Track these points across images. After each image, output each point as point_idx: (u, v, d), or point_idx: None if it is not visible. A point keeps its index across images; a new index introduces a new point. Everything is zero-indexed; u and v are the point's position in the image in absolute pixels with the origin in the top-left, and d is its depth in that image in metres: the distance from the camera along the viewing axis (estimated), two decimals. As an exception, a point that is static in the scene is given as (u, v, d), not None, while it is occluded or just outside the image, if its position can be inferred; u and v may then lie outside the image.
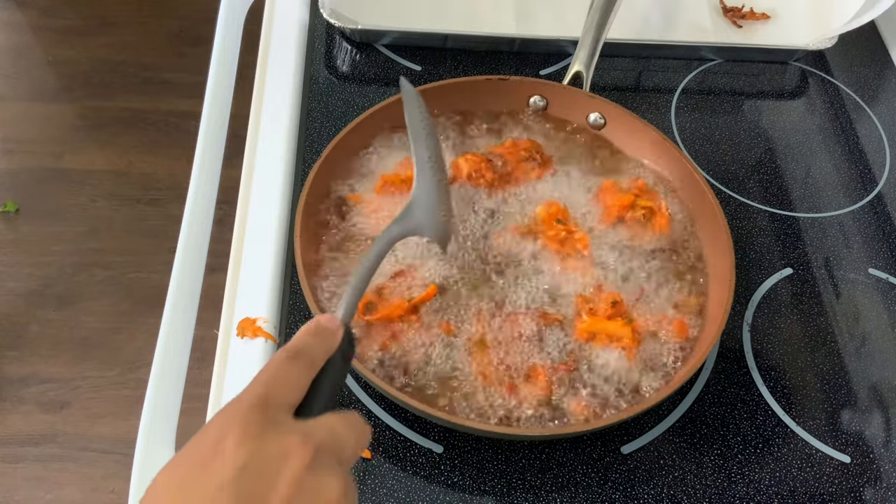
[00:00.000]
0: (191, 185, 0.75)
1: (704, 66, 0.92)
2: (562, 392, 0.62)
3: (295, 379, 0.42)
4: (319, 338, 0.46)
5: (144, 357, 1.65)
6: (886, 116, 0.90)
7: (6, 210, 1.84)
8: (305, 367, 0.43)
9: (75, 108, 2.04)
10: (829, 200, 0.82)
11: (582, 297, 0.67)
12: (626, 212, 0.72)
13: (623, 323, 0.65)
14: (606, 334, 0.65)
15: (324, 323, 0.47)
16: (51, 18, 2.22)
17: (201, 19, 2.20)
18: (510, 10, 0.92)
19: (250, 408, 0.39)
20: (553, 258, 0.69)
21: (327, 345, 0.45)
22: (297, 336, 0.45)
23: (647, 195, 0.73)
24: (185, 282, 0.70)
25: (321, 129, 0.81)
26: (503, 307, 0.66)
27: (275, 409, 0.40)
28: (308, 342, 0.45)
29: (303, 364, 0.43)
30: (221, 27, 0.89)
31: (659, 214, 0.72)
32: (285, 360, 0.42)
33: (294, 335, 0.46)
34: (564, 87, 0.79)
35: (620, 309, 0.66)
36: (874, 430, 0.67)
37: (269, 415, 0.39)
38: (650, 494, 0.62)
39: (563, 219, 0.71)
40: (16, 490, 1.50)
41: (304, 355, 0.43)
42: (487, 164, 0.73)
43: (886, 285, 0.76)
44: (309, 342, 0.45)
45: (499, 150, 0.75)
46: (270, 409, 0.39)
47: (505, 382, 0.62)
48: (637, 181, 0.74)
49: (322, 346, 0.45)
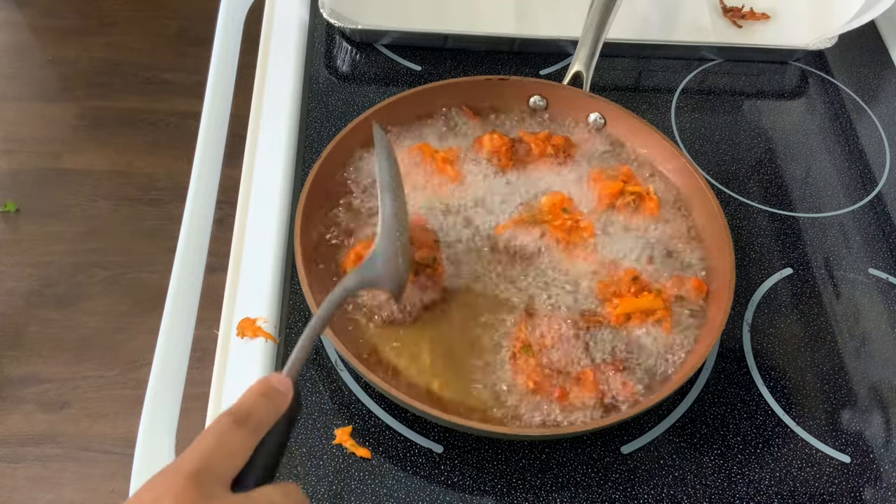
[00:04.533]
0: (191, 185, 0.75)
1: (704, 66, 0.92)
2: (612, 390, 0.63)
3: (238, 447, 0.41)
4: (268, 400, 0.44)
5: (144, 357, 1.65)
6: (886, 116, 0.90)
7: (6, 210, 1.84)
8: (251, 433, 0.42)
9: (75, 108, 2.04)
10: (829, 200, 0.82)
11: (602, 283, 0.68)
12: (616, 199, 0.73)
13: (653, 296, 0.66)
14: (641, 311, 0.66)
15: (274, 384, 0.45)
16: (51, 18, 2.21)
17: (201, 19, 2.20)
18: (510, 10, 0.92)
19: (187, 480, 0.38)
20: (559, 248, 0.70)
21: (276, 408, 0.44)
22: (245, 398, 0.44)
23: (633, 181, 0.75)
24: (185, 282, 0.70)
25: (321, 129, 0.81)
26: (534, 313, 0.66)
27: (212, 482, 0.39)
28: (256, 405, 0.43)
29: (248, 430, 0.41)
30: (221, 27, 0.89)
31: (647, 199, 0.73)
32: (230, 425, 0.41)
33: (240, 396, 0.44)
34: (564, 87, 0.79)
35: (642, 283, 0.67)
36: (874, 430, 0.67)
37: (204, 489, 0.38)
38: (650, 494, 0.62)
39: (568, 208, 0.72)
40: (16, 490, 1.49)
41: (251, 421, 0.42)
42: (508, 149, 0.75)
43: (886, 285, 0.76)
44: (257, 405, 0.43)
45: (530, 138, 0.76)
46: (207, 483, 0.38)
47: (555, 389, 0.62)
48: (623, 168, 0.75)
49: (271, 410, 0.44)
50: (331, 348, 0.67)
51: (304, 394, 0.65)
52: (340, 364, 0.66)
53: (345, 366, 0.66)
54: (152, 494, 0.38)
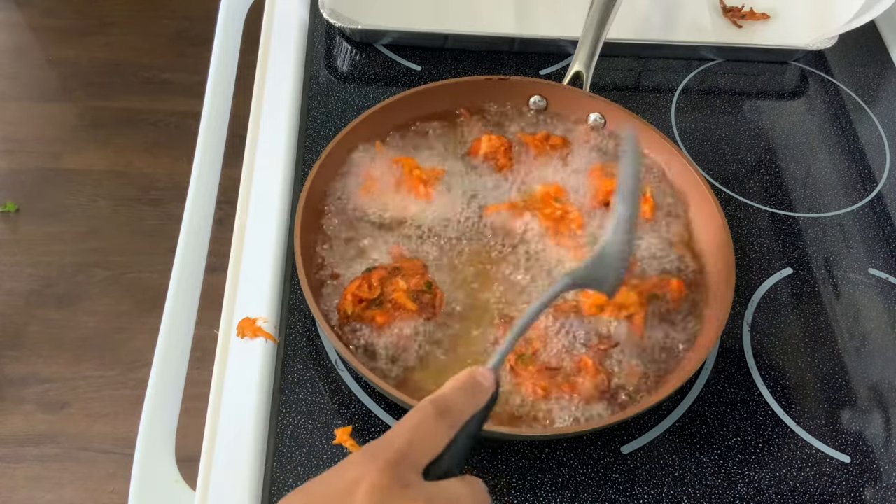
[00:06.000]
0: (191, 185, 0.75)
1: (704, 66, 0.92)
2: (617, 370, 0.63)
3: (437, 438, 0.41)
4: (471, 393, 0.44)
5: (144, 357, 1.65)
6: (886, 116, 0.90)
7: (6, 210, 1.84)
8: (450, 425, 0.42)
9: (75, 108, 2.04)
10: (829, 200, 0.82)
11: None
12: (610, 196, 0.73)
13: (626, 290, 0.66)
14: (614, 304, 0.65)
15: (478, 379, 0.45)
16: (51, 18, 2.22)
17: (201, 19, 2.20)
18: (510, 10, 0.92)
19: (385, 465, 0.39)
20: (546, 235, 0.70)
21: (477, 402, 0.44)
22: (448, 389, 0.44)
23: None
24: (185, 282, 0.70)
25: (321, 129, 0.81)
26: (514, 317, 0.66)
27: (409, 469, 0.39)
28: (458, 399, 0.43)
29: (448, 422, 0.42)
30: (221, 27, 0.89)
31: (643, 200, 0.73)
32: (433, 415, 0.42)
33: (444, 385, 0.44)
34: (564, 87, 0.79)
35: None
36: (874, 430, 0.67)
37: (401, 474, 0.39)
38: (650, 494, 0.62)
39: (559, 198, 0.72)
40: (16, 490, 1.50)
41: (452, 413, 0.42)
42: (506, 150, 0.75)
43: (886, 285, 0.76)
44: (459, 399, 0.43)
45: (528, 139, 0.76)
46: (405, 468, 0.39)
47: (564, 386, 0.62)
48: None
49: (471, 404, 0.44)
50: (331, 348, 0.67)
51: (304, 394, 0.65)
52: (340, 364, 0.66)
53: (345, 366, 0.66)
54: (350, 476, 0.38)
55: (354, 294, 0.64)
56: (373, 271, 0.65)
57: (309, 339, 0.68)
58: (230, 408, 0.63)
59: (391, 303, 0.64)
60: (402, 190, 0.72)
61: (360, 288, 0.64)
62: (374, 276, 0.65)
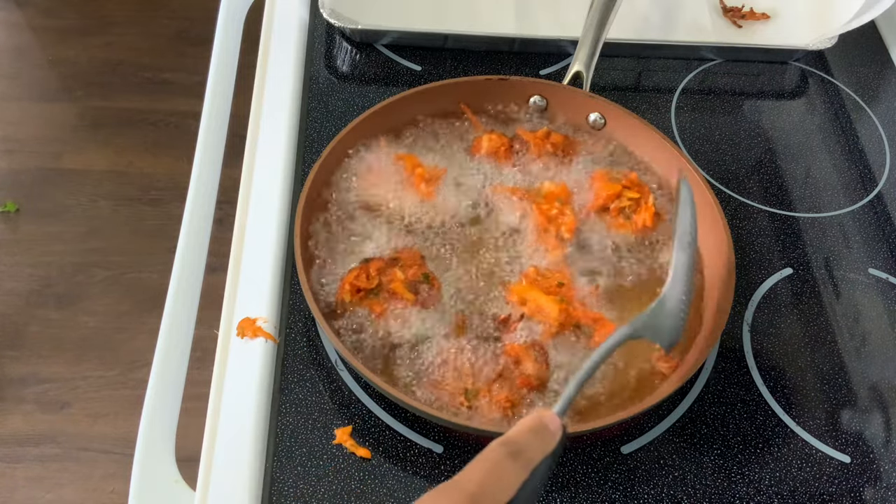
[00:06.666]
0: (191, 185, 0.75)
1: (704, 66, 0.92)
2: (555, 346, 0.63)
3: (509, 480, 0.41)
4: (540, 437, 0.44)
5: (144, 357, 1.65)
6: (886, 116, 0.90)
7: (6, 210, 1.84)
8: (522, 468, 0.42)
9: (75, 108, 2.04)
10: (829, 200, 0.82)
11: (535, 269, 0.68)
12: (611, 201, 0.72)
13: (555, 301, 0.65)
14: (536, 304, 0.65)
15: (546, 422, 0.45)
16: (51, 18, 2.21)
17: (201, 19, 2.20)
18: (510, 10, 0.92)
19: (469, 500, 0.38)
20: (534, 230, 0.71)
21: (545, 447, 0.44)
22: (518, 432, 0.44)
23: (637, 188, 0.74)
24: (185, 282, 0.70)
25: (321, 129, 0.81)
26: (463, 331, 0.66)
27: None
28: (528, 441, 0.43)
29: (520, 465, 0.42)
30: (221, 27, 0.89)
31: (644, 208, 0.72)
32: (505, 457, 0.42)
33: (513, 428, 0.44)
34: (564, 87, 0.79)
35: (564, 292, 0.66)
36: (874, 430, 0.67)
37: None
38: (650, 494, 0.62)
39: (562, 199, 0.72)
40: (16, 490, 1.49)
41: (523, 456, 0.42)
42: (507, 150, 0.75)
43: (886, 285, 0.76)
44: (529, 441, 0.43)
45: (529, 137, 0.76)
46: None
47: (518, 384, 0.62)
48: (630, 174, 0.75)
49: (541, 447, 0.44)
50: (331, 348, 0.67)
51: (304, 393, 0.65)
52: (340, 364, 0.66)
53: (345, 366, 0.66)
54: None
55: (352, 284, 0.65)
56: (371, 261, 0.66)
57: (309, 339, 0.68)
58: (230, 408, 0.63)
59: (388, 292, 0.64)
60: (403, 188, 0.72)
61: (358, 278, 0.65)
62: (372, 266, 0.66)
